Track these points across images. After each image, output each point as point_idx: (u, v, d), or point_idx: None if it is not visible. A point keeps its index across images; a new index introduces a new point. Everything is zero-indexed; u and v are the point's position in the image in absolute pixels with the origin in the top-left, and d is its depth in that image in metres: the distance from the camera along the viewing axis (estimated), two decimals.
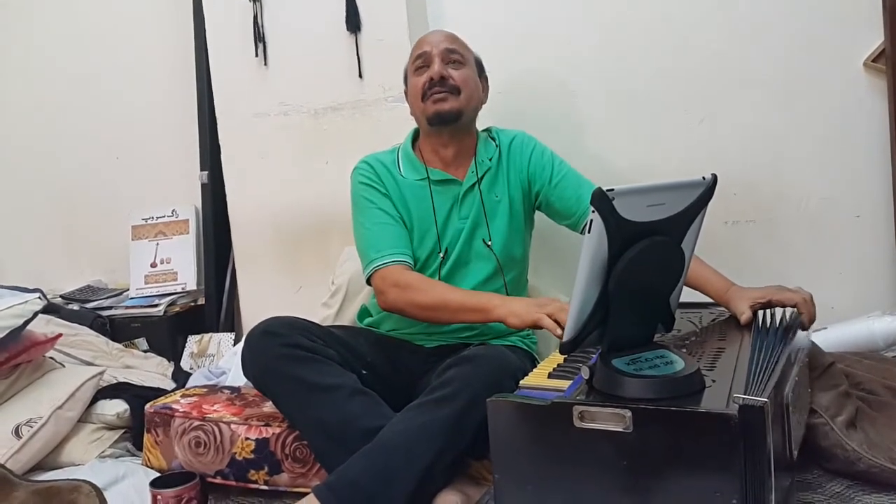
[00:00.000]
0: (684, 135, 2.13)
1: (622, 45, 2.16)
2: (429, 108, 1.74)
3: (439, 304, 1.60)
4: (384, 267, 1.68)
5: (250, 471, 1.66)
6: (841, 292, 2.00)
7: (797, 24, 2.01)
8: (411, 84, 1.79)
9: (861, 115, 1.99)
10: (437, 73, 1.73)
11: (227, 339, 2.55)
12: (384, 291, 1.67)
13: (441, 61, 1.74)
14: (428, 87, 1.73)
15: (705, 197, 1.15)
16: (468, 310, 1.57)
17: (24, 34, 2.96)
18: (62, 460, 1.85)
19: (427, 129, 1.79)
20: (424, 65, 1.76)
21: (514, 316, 1.47)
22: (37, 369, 1.98)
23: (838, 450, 1.45)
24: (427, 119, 1.76)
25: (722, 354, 1.27)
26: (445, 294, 1.61)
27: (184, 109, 2.71)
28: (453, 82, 1.73)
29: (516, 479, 1.13)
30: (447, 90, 1.73)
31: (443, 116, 1.73)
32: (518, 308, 1.48)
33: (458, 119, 1.75)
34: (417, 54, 1.78)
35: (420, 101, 1.75)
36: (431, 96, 1.73)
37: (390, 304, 1.67)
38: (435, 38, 1.79)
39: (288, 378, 1.54)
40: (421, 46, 1.78)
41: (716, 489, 1.00)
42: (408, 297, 1.63)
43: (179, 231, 2.77)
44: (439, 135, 1.78)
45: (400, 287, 1.64)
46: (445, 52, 1.75)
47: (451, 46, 1.76)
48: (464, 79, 1.75)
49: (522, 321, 1.46)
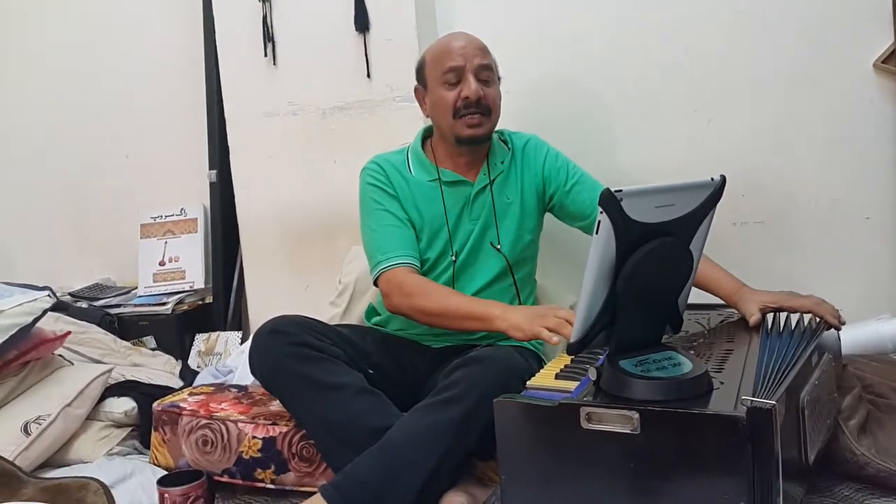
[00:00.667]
0: (693, 135, 2.13)
1: (631, 46, 2.16)
2: (462, 130, 1.71)
3: (441, 311, 1.59)
4: (390, 269, 1.67)
5: (257, 469, 1.66)
6: (849, 294, 1.98)
7: (807, 26, 2.00)
8: (440, 97, 1.73)
9: (871, 117, 1.98)
10: (475, 94, 1.68)
11: (235, 338, 2.55)
12: (389, 295, 1.67)
13: (476, 79, 1.70)
14: (462, 105, 1.70)
15: (714, 198, 1.15)
16: (469, 318, 1.56)
17: (34, 34, 2.97)
18: (70, 458, 1.86)
19: (452, 144, 1.77)
20: (457, 80, 1.71)
21: (515, 329, 1.45)
22: (46, 367, 1.98)
23: (848, 453, 1.44)
24: (456, 139, 1.74)
25: (730, 356, 1.27)
26: (447, 301, 1.60)
27: (193, 109, 2.71)
28: (486, 103, 1.71)
29: (523, 481, 1.13)
30: (481, 112, 1.70)
31: (477, 140, 1.74)
32: (519, 321, 1.45)
33: (488, 140, 1.77)
34: (450, 67, 1.70)
35: (451, 117, 1.72)
36: (465, 117, 1.70)
37: (395, 307, 1.67)
38: (469, 50, 1.72)
39: (295, 377, 1.55)
40: (452, 57, 1.71)
41: (723, 492, 1.00)
42: (411, 302, 1.63)
43: (188, 230, 2.78)
44: (461, 148, 1.77)
45: (404, 293, 1.64)
46: (479, 69, 1.71)
47: (483, 62, 1.71)
48: (494, 98, 1.74)
49: (524, 335, 1.44)
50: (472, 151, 1.79)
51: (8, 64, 3.03)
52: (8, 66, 3.03)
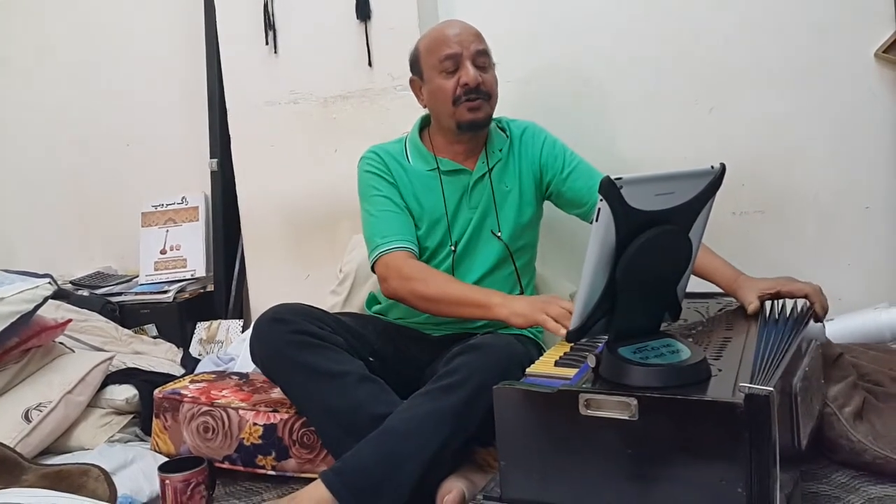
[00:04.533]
0: (694, 125, 2.13)
1: (632, 36, 2.15)
2: (463, 116, 1.71)
3: (440, 297, 1.59)
4: (388, 253, 1.67)
5: (258, 456, 1.67)
6: (849, 283, 2.00)
7: (808, 15, 2.00)
8: (438, 86, 1.73)
9: (872, 106, 1.98)
10: (475, 80, 1.69)
11: (236, 326, 2.56)
12: (387, 279, 1.66)
13: (473, 65, 1.70)
14: (462, 92, 1.70)
15: (713, 186, 1.15)
16: (468, 304, 1.56)
17: (35, 24, 2.97)
18: (71, 444, 1.87)
19: (453, 132, 1.76)
20: (455, 68, 1.71)
21: (517, 316, 1.46)
22: (47, 354, 1.99)
23: (844, 440, 1.45)
24: (458, 125, 1.74)
25: (728, 344, 1.27)
26: (447, 286, 1.60)
27: (194, 97, 2.71)
28: (485, 88, 1.71)
29: (522, 467, 1.14)
30: (482, 97, 1.71)
31: (478, 125, 1.73)
32: (520, 308, 1.46)
33: (489, 125, 1.77)
34: (446, 55, 1.70)
35: (451, 105, 1.72)
36: (466, 102, 1.70)
37: (392, 292, 1.66)
38: (464, 37, 1.72)
39: (296, 365, 1.55)
40: (448, 45, 1.71)
41: (721, 477, 1.00)
42: (409, 286, 1.62)
43: (189, 218, 2.78)
44: (461, 135, 1.77)
45: (402, 276, 1.63)
46: (476, 55, 1.71)
47: (480, 47, 1.72)
48: (492, 84, 1.75)
49: (526, 321, 1.45)
50: (471, 139, 1.78)
51: (11, 54, 3.03)
52: (11, 56, 3.03)
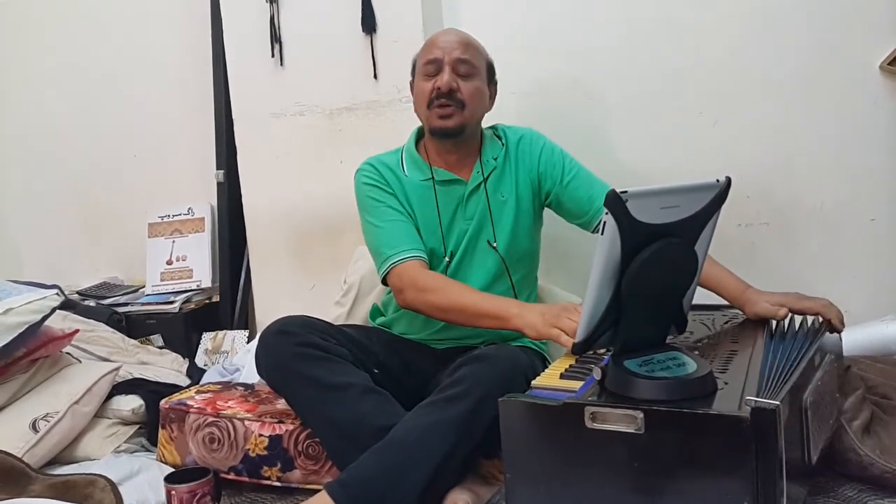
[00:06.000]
0: (698, 137, 2.13)
1: (637, 47, 2.16)
2: (433, 121, 1.72)
3: (457, 307, 1.58)
4: (400, 263, 1.66)
5: (263, 467, 1.67)
6: (855, 296, 1.99)
7: (813, 27, 2.00)
8: (418, 87, 1.76)
9: (877, 118, 1.98)
10: (446, 86, 1.68)
11: (242, 337, 2.57)
12: (402, 290, 1.65)
13: (451, 71, 1.70)
14: (435, 96, 1.70)
15: (719, 199, 1.15)
16: (486, 315, 1.54)
17: (43, 35, 2.99)
18: (78, 455, 1.87)
19: (429, 136, 1.79)
20: (435, 72, 1.71)
21: (530, 328, 1.44)
22: (54, 364, 2.00)
23: (851, 454, 1.44)
24: (430, 130, 1.75)
25: (735, 357, 1.27)
26: (463, 297, 1.59)
27: (201, 109, 2.73)
28: (460, 96, 1.70)
29: (527, 479, 1.14)
30: (454, 104, 1.69)
31: (446, 132, 1.72)
32: (535, 320, 1.44)
33: (461, 134, 1.74)
34: (428, 59, 1.72)
35: (425, 107, 1.73)
36: (437, 109, 1.70)
37: (408, 304, 1.66)
38: (448, 43, 1.72)
39: (301, 377, 1.55)
40: (432, 50, 1.73)
41: (727, 491, 1.00)
42: (425, 298, 1.61)
43: (195, 229, 2.79)
44: (442, 142, 1.77)
45: (418, 288, 1.62)
46: (457, 62, 1.70)
47: (462, 56, 1.71)
48: (471, 93, 1.72)
49: (538, 335, 1.43)
50: (458, 147, 1.77)
51: (17, 64, 3.05)
52: (17, 66, 3.06)
